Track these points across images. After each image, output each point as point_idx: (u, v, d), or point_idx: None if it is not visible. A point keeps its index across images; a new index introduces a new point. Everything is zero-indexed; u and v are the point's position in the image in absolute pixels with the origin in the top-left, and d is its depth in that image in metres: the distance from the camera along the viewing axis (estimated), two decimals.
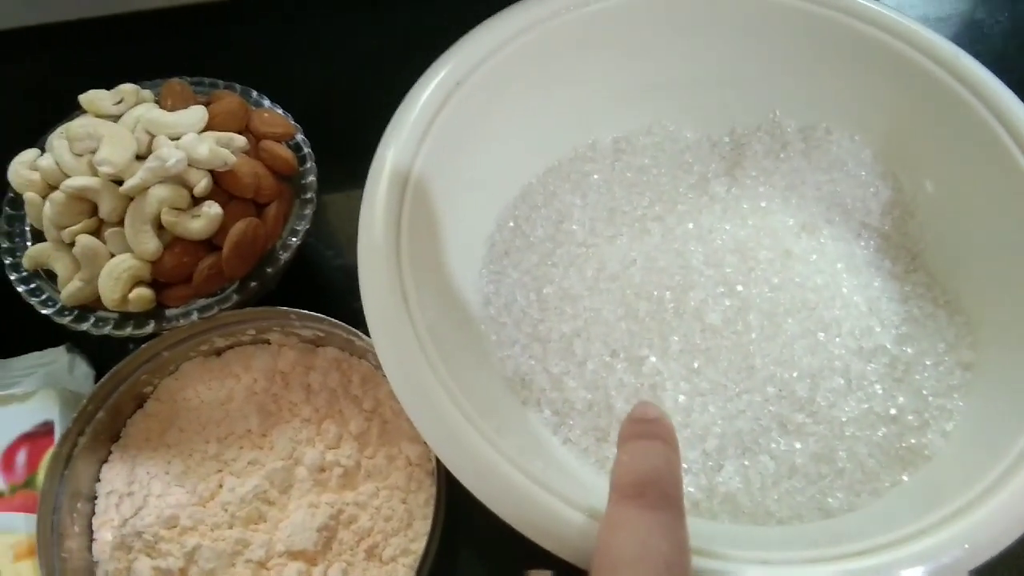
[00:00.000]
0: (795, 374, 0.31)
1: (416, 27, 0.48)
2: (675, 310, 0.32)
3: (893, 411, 0.31)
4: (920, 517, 0.26)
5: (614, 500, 0.20)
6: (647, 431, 0.22)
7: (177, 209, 0.31)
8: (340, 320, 0.33)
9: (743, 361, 0.31)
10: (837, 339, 0.32)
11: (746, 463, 0.30)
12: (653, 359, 0.31)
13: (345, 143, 0.37)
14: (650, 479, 0.20)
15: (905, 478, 0.29)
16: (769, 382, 0.31)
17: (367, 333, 0.30)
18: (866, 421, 0.31)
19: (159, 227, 0.31)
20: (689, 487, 0.30)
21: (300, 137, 0.35)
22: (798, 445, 0.30)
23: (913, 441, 0.30)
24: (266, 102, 0.36)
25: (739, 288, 0.32)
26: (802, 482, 0.30)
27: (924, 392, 0.31)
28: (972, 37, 0.48)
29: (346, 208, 0.44)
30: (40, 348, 0.37)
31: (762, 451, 0.30)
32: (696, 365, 0.31)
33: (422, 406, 0.27)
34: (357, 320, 0.35)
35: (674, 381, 0.31)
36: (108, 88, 0.35)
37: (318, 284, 0.43)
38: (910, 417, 0.30)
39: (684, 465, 0.30)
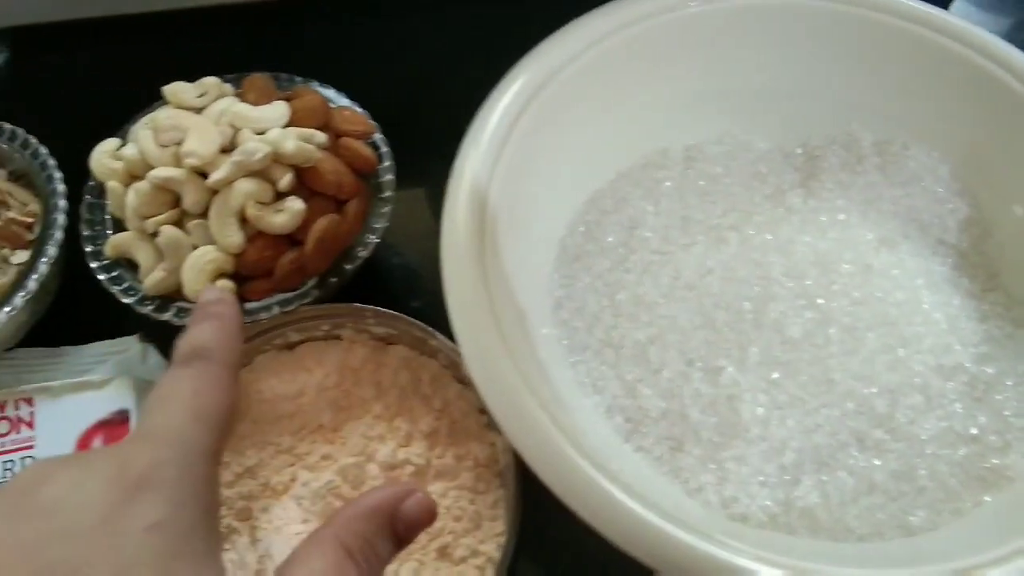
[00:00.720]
0: (874, 390, 0.31)
1: (480, 27, 0.48)
2: (754, 321, 0.31)
3: (974, 431, 0.30)
4: (1006, 539, 0.26)
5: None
6: (203, 312, 0.26)
7: (261, 203, 0.31)
8: None
9: (822, 375, 0.31)
10: (917, 356, 0.31)
11: (824, 478, 0.30)
12: (731, 370, 0.31)
13: (405, 141, 0.37)
14: (192, 350, 0.25)
15: (988, 499, 0.29)
16: (848, 397, 0.31)
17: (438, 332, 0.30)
18: (946, 440, 0.30)
19: (242, 220, 0.31)
20: (766, 500, 0.29)
21: (378, 136, 0.35)
22: (877, 462, 0.30)
23: (995, 462, 0.30)
24: (344, 100, 0.36)
25: (820, 301, 0.31)
26: (882, 499, 0.29)
27: (1006, 413, 0.31)
28: None
29: (404, 207, 0.44)
30: (106, 337, 0.37)
31: (840, 467, 0.30)
32: (775, 377, 0.31)
33: (509, 409, 0.27)
34: (416, 319, 0.35)
35: (752, 393, 0.31)
36: (184, 80, 0.36)
37: (377, 282, 0.43)
38: (992, 437, 0.30)
39: (761, 478, 0.30)
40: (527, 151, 0.33)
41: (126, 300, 0.32)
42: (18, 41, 0.46)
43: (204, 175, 0.31)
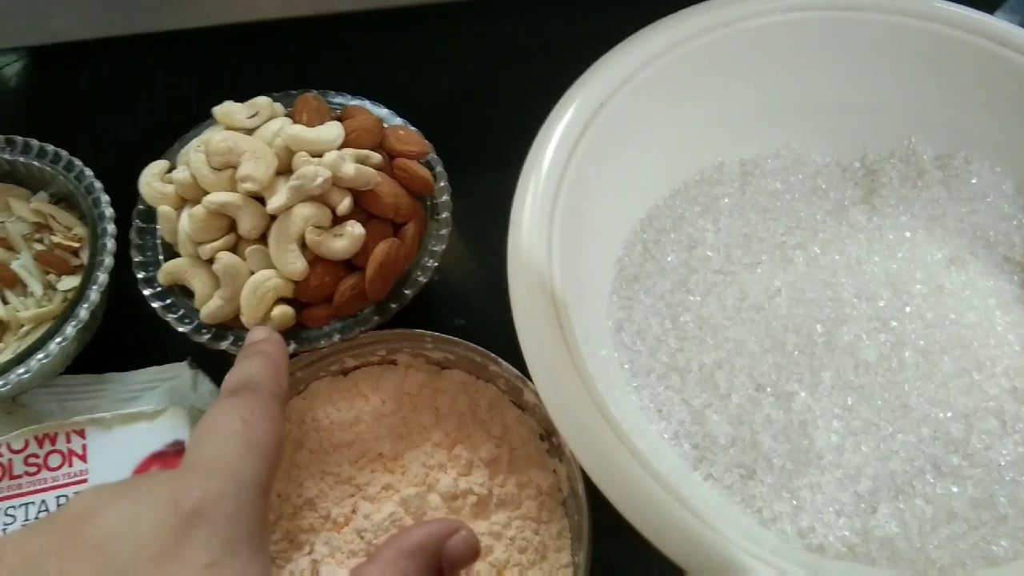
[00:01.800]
0: (949, 414, 0.30)
1: (516, 43, 0.47)
2: (826, 344, 0.31)
3: None
4: None
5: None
6: (250, 350, 0.27)
7: (320, 228, 0.30)
8: None
9: (897, 400, 0.30)
10: (991, 379, 0.31)
11: (901, 506, 0.29)
12: (803, 395, 0.30)
13: (441, 157, 0.37)
14: (241, 382, 0.25)
15: None
16: (923, 422, 0.30)
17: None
18: None
19: (302, 246, 0.30)
20: (844, 530, 0.29)
21: (432, 155, 0.34)
22: (955, 488, 0.29)
23: None
24: (397, 119, 0.35)
25: (893, 324, 0.31)
26: (963, 527, 0.28)
27: None
28: None
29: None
30: (152, 362, 0.36)
31: (917, 494, 0.29)
32: (849, 402, 0.30)
33: (582, 434, 0.27)
34: (463, 337, 0.34)
35: (826, 419, 0.30)
36: (227, 98, 0.35)
37: (420, 301, 0.42)
38: None
39: (837, 506, 0.29)
40: (590, 168, 0.33)
41: (182, 329, 0.31)
42: (56, 59, 0.45)
43: (260, 199, 0.30)
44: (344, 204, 0.30)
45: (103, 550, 0.18)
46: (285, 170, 0.31)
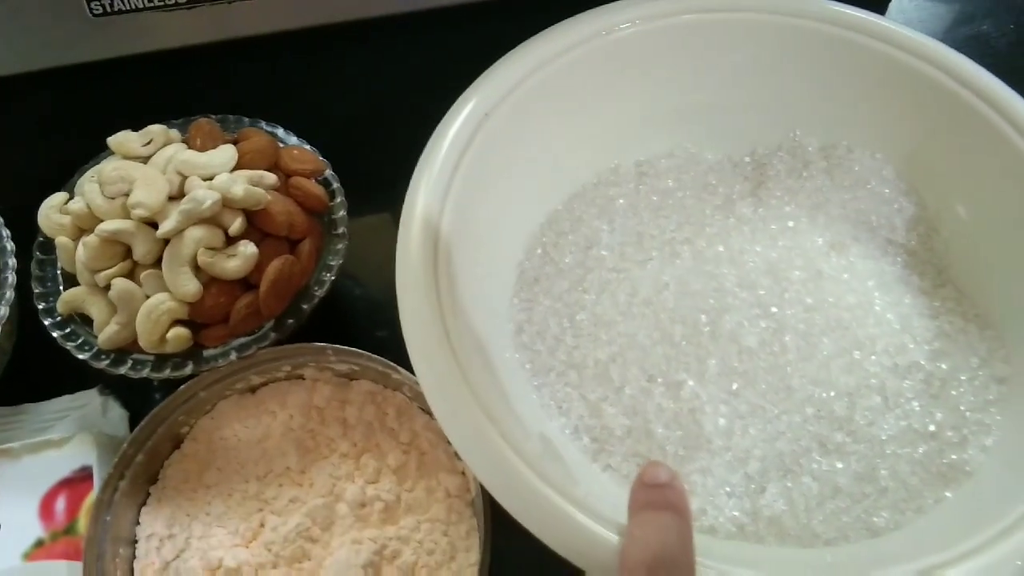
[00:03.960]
0: (832, 393, 0.31)
1: (423, 59, 0.48)
2: (711, 333, 0.32)
3: (932, 427, 0.31)
4: (967, 535, 0.26)
5: None
6: (658, 499, 0.21)
7: (212, 249, 0.31)
8: (365, 349, 0.33)
9: (781, 382, 0.31)
10: (872, 357, 0.32)
11: (789, 485, 0.30)
12: (691, 383, 0.31)
13: (359, 171, 0.37)
14: (661, 560, 0.20)
15: (948, 495, 0.30)
16: (807, 402, 0.31)
17: (400, 364, 0.30)
18: (905, 438, 0.31)
19: (195, 268, 0.31)
20: (734, 511, 0.30)
21: (329, 172, 0.35)
22: (839, 465, 0.30)
23: (954, 457, 0.30)
24: (293, 139, 0.36)
25: (773, 310, 0.32)
26: (846, 502, 0.30)
27: (961, 407, 0.31)
28: (980, 51, 0.48)
29: (363, 237, 0.44)
30: (68, 390, 0.37)
31: (804, 472, 0.30)
32: (735, 388, 0.31)
33: (471, 441, 0.27)
34: (382, 349, 0.35)
35: (713, 405, 0.31)
36: (130, 127, 0.35)
37: (340, 315, 0.43)
38: (949, 433, 0.31)
39: (727, 488, 0.30)
40: (479, 177, 0.33)
41: (81, 356, 0.31)
42: None
43: (154, 225, 0.31)
44: (235, 225, 0.31)
45: None
46: (179, 195, 0.32)
